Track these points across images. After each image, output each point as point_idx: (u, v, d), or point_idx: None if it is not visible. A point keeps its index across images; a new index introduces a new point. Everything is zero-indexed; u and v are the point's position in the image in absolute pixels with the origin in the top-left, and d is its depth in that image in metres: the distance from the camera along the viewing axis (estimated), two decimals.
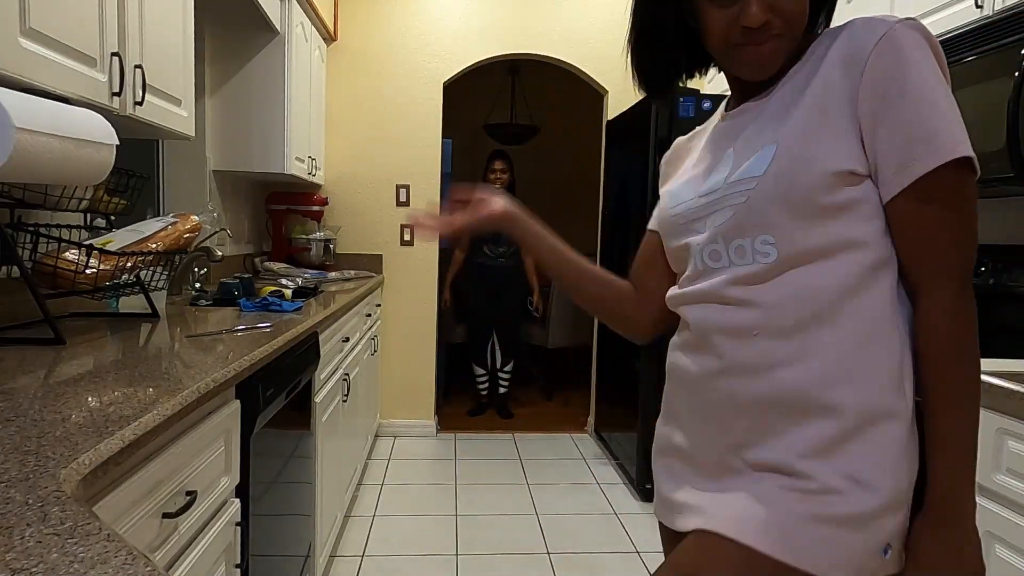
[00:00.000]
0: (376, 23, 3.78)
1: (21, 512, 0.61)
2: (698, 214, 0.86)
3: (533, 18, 3.83)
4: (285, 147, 2.96)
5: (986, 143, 1.70)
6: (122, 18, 1.53)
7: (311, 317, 1.91)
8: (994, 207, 2.21)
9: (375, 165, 3.85)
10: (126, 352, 1.32)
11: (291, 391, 1.69)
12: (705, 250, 0.84)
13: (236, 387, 1.30)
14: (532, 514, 2.92)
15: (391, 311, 3.93)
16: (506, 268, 4.21)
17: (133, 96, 1.57)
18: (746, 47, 0.78)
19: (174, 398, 0.97)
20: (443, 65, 3.82)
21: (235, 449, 1.30)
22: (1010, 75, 1.61)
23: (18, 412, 0.89)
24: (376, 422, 3.81)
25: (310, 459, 1.98)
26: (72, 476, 0.70)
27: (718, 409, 0.84)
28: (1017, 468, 1.30)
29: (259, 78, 2.93)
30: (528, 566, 2.47)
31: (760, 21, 0.75)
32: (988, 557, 1.37)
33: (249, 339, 1.51)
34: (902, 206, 0.75)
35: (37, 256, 1.53)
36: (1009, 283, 2.02)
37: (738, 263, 0.81)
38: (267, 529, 1.53)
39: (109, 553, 0.54)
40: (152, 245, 1.72)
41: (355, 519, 2.81)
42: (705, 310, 0.85)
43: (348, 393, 2.60)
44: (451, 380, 4.93)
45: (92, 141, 1.30)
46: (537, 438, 3.99)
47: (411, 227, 3.89)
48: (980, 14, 1.81)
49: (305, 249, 3.55)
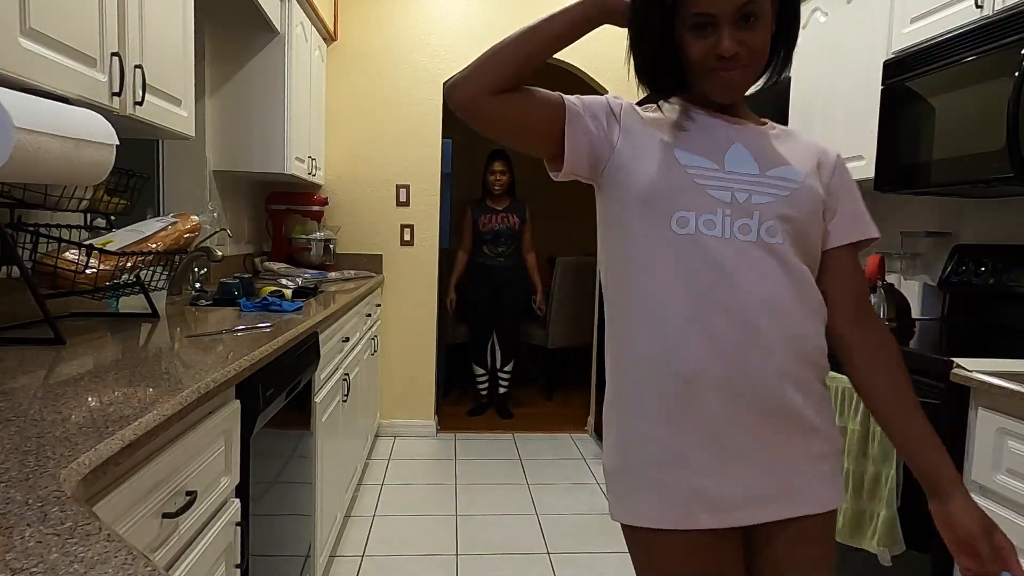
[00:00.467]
0: (376, 23, 3.78)
1: (21, 512, 0.61)
2: (725, 184, 0.97)
3: (533, 18, 3.82)
4: (285, 147, 2.96)
5: (986, 143, 1.70)
6: (122, 18, 1.53)
7: (311, 317, 1.91)
8: (994, 207, 2.21)
9: (375, 165, 3.85)
10: (126, 352, 1.32)
11: (291, 391, 1.69)
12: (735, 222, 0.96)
13: (236, 387, 1.30)
14: (532, 514, 2.92)
15: (391, 311, 3.93)
16: (506, 268, 4.21)
17: (133, 96, 1.57)
18: (719, 72, 0.94)
19: (174, 398, 0.97)
20: (443, 65, 3.82)
21: (235, 449, 1.30)
22: (1010, 75, 1.61)
23: (18, 412, 0.89)
24: (376, 422, 3.81)
25: (310, 459, 1.98)
26: (72, 476, 0.70)
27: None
28: (1017, 468, 1.30)
29: (259, 78, 2.93)
30: (528, 566, 2.47)
31: (732, 52, 0.91)
32: None
33: (249, 339, 1.51)
34: (844, 253, 1.04)
35: (37, 256, 1.53)
36: (1009, 283, 2.02)
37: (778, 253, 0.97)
38: (267, 529, 1.53)
39: (109, 553, 0.54)
40: (152, 245, 1.72)
41: (355, 519, 2.81)
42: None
43: (348, 393, 2.60)
44: (451, 380, 4.93)
45: (92, 141, 1.30)
46: (537, 438, 3.99)
47: (411, 227, 3.90)
48: (980, 14, 1.81)
49: (305, 249, 3.55)
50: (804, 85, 2.79)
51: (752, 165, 0.98)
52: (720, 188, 0.96)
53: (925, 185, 1.96)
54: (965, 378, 1.42)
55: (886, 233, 2.72)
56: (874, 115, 2.21)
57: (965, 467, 1.45)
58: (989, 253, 2.13)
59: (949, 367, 1.47)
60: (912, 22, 2.10)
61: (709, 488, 0.95)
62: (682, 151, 0.99)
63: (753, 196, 0.96)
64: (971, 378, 1.41)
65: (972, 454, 1.43)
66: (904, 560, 1.60)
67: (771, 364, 0.94)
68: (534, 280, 4.35)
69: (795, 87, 2.86)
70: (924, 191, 2.07)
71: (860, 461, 1.68)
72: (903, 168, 2.04)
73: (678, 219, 0.95)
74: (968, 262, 2.19)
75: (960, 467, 1.47)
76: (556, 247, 5.34)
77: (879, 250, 2.52)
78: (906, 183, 2.04)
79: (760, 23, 0.92)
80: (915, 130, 1.99)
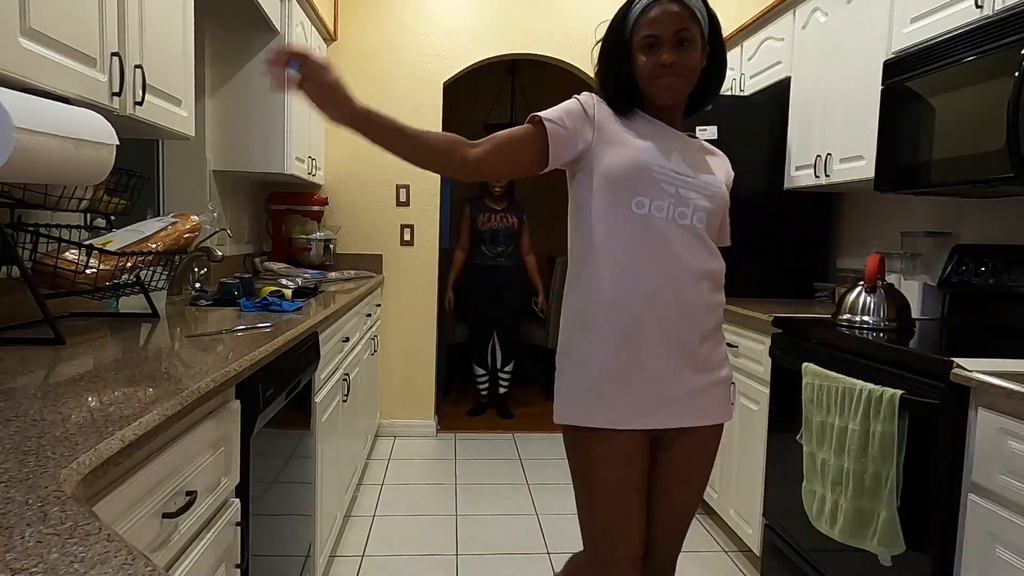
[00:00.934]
0: (376, 23, 3.78)
1: (21, 512, 0.61)
2: (671, 180, 1.32)
3: (533, 18, 3.83)
4: (285, 147, 2.96)
5: (986, 143, 1.70)
6: (122, 18, 1.53)
7: (311, 317, 1.91)
8: (994, 207, 2.21)
9: (375, 165, 3.85)
10: (126, 352, 1.32)
11: (291, 391, 1.69)
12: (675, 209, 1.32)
13: (236, 387, 1.30)
14: (532, 514, 2.92)
15: (391, 311, 3.93)
16: (506, 268, 4.21)
17: (133, 96, 1.57)
18: (662, 79, 1.31)
19: (174, 398, 0.97)
20: (443, 65, 3.82)
21: (235, 449, 1.29)
22: (1010, 75, 1.61)
23: (18, 412, 0.89)
24: (376, 422, 3.81)
25: (310, 459, 1.98)
26: (72, 476, 0.70)
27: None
28: (1017, 468, 1.30)
29: (259, 78, 2.93)
30: (528, 566, 2.47)
31: (670, 61, 1.29)
32: (988, 557, 1.37)
33: (249, 339, 1.51)
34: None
35: (37, 256, 1.53)
36: (1009, 283, 2.02)
37: (699, 232, 1.35)
38: (267, 529, 1.53)
39: (109, 553, 0.54)
40: (152, 245, 1.72)
41: (355, 519, 2.81)
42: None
43: (348, 393, 2.60)
44: (451, 380, 4.93)
45: (92, 141, 1.30)
46: (537, 438, 3.99)
47: (411, 227, 3.90)
48: (980, 14, 1.81)
49: (305, 249, 3.55)
50: (804, 85, 2.79)
51: (689, 169, 1.35)
52: (668, 183, 1.32)
53: (925, 185, 1.96)
54: (965, 378, 1.42)
55: (886, 233, 2.73)
56: (874, 115, 2.21)
57: (965, 467, 1.45)
58: (989, 253, 2.13)
59: (949, 367, 1.47)
60: (912, 22, 2.10)
61: (642, 400, 1.31)
62: (643, 149, 1.32)
63: (690, 193, 1.33)
64: (971, 378, 1.41)
65: (972, 454, 1.43)
66: (904, 560, 1.60)
67: (688, 308, 1.32)
68: (535, 281, 4.35)
69: (795, 87, 2.87)
70: (924, 191, 2.07)
71: (860, 461, 1.68)
72: (903, 168, 2.04)
73: (636, 202, 1.31)
74: (968, 262, 2.19)
75: (960, 467, 1.47)
76: (556, 247, 5.33)
77: (879, 250, 2.52)
78: (906, 183, 2.04)
79: (691, 47, 1.30)
80: (915, 130, 1.99)
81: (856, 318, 2.04)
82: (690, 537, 2.72)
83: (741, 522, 2.53)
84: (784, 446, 2.18)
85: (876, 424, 1.63)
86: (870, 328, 1.99)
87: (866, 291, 2.06)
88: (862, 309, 2.04)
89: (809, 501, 1.90)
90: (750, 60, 3.27)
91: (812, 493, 1.89)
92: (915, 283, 2.37)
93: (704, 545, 2.67)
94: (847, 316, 2.06)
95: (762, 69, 3.15)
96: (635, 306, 1.29)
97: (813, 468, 1.89)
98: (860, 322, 2.03)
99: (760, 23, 3.15)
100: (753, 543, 2.42)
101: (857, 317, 2.04)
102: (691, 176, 1.33)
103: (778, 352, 2.23)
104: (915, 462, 1.58)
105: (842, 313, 2.08)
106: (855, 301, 2.06)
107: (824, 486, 1.83)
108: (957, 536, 1.47)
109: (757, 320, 2.39)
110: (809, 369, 1.94)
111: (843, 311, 2.08)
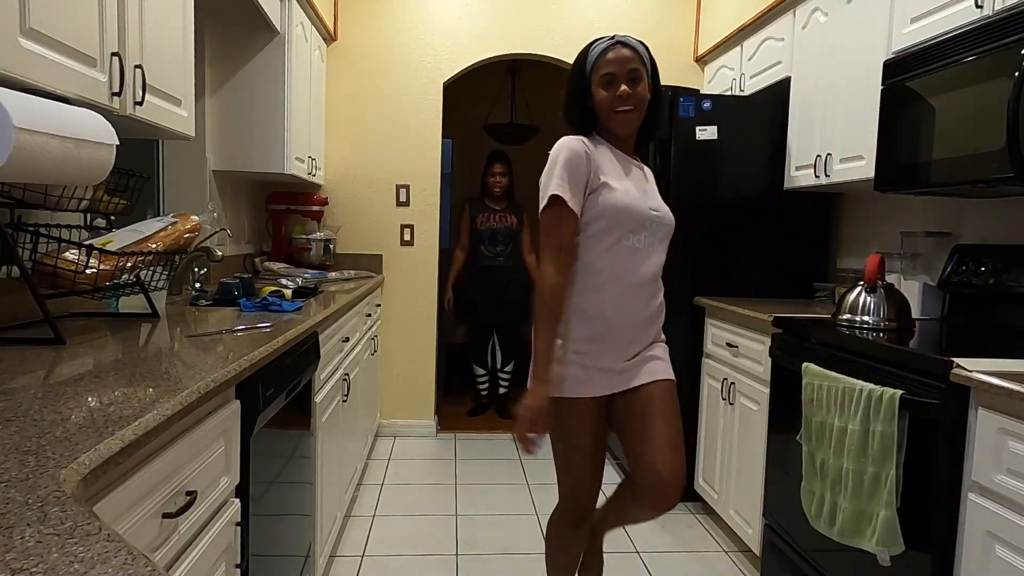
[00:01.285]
0: (376, 23, 3.78)
1: (21, 512, 0.61)
2: (648, 218, 1.66)
3: (533, 18, 3.83)
4: (285, 147, 2.96)
5: (986, 143, 1.70)
6: (122, 18, 1.53)
7: (311, 317, 1.91)
8: (994, 207, 2.21)
9: (375, 165, 3.85)
10: (126, 352, 1.32)
11: (291, 391, 1.69)
12: (642, 239, 1.66)
13: (236, 387, 1.30)
14: (532, 514, 2.92)
15: (391, 311, 3.93)
16: (506, 268, 4.21)
17: (133, 96, 1.57)
18: (619, 111, 1.63)
19: (174, 398, 0.97)
20: (443, 65, 3.82)
21: (235, 449, 1.29)
22: (1010, 75, 1.61)
23: (18, 412, 0.89)
24: (376, 422, 3.81)
25: (310, 459, 1.98)
26: (72, 476, 0.70)
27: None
28: (1017, 468, 1.30)
29: (259, 78, 2.93)
30: (528, 566, 2.47)
31: (626, 94, 1.61)
32: (988, 557, 1.37)
33: (249, 339, 1.51)
34: None
35: (37, 256, 1.53)
36: (1009, 283, 2.02)
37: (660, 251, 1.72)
38: (267, 529, 1.53)
39: (109, 553, 0.54)
40: (152, 245, 1.72)
41: (355, 519, 2.81)
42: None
43: (348, 393, 2.60)
44: (451, 380, 4.93)
45: (92, 141, 1.30)
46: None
47: (411, 227, 3.90)
48: (980, 14, 1.81)
49: (305, 249, 3.55)
50: (804, 85, 2.79)
51: (651, 201, 1.68)
52: (645, 218, 1.64)
53: (925, 185, 1.96)
54: (965, 378, 1.42)
55: (886, 233, 2.72)
56: (874, 115, 2.21)
57: (965, 467, 1.46)
58: (989, 253, 2.13)
59: (949, 367, 1.47)
60: (912, 22, 2.10)
61: (613, 375, 1.67)
62: (627, 189, 1.64)
63: (655, 224, 1.67)
64: (971, 378, 1.41)
65: (972, 454, 1.43)
66: (904, 560, 1.60)
67: (651, 304, 1.70)
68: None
69: (795, 87, 2.87)
70: (924, 191, 2.07)
71: (860, 461, 1.68)
72: (903, 168, 2.04)
73: (626, 236, 1.63)
74: (968, 262, 2.19)
75: (960, 467, 1.47)
76: None
77: (879, 250, 2.52)
78: (906, 183, 2.04)
79: (642, 84, 1.63)
80: (915, 130, 1.99)
81: (856, 318, 2.04)
82: (690, 537, 2.72)
83: (741, 522, 2.53)
84: (784, 446, 2.18)
85: (876, 424, 1.63)
86: (870, 328, 1.99)
87: (866, 291, 2.06)
88: (862, 309, 2.04)
89: (808, 501, 1.90)
90: (750, 60, 3.27)
91: (811, 493, 1.89)
92: (915, 283, 2.37)
93: (704, 545, 2.67)
94: (847, 316, 2.06)
95: (762, 69, 3.15)
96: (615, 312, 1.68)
97: (812, 468, 1.89)
98: (860, 322, 2.03)
99: (760, 23, 3.15)
100: (753, 543, 2.42)
101: (857, 317, 2.04)
102: (655, 208, 1.67)
103: (778, 352, 2.23)
104: (915, 462, 1.58)
105: (842, 313, 2.08)
106: (855, 301, 2.06)
107: (823, 486, 1.83)
108: (957, 536, 1.47)
109: (757, 320, 2.39)
110: (809, 369, 1.94)
111: (843, 311, 2.08)
